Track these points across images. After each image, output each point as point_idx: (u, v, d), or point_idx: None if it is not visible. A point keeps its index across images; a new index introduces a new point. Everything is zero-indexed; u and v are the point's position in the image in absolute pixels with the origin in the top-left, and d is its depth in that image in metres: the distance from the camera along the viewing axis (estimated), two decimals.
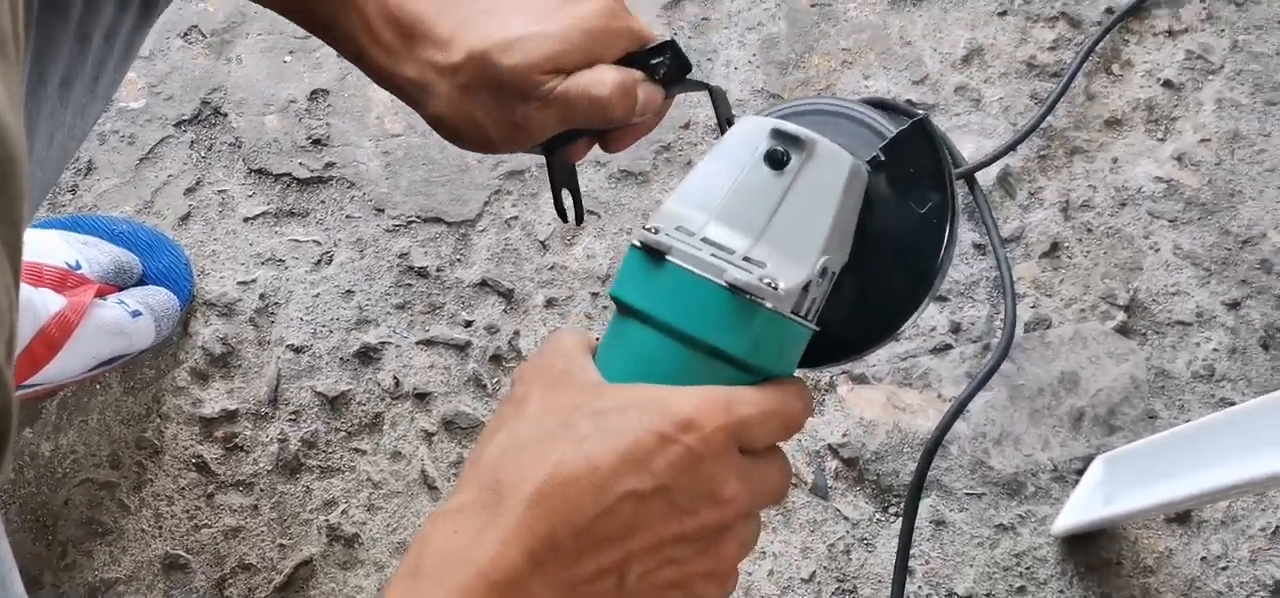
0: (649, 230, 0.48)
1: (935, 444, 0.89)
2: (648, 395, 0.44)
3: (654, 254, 0.47)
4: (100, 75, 0.57)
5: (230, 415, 0.94)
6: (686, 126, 1.03)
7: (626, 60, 0.57)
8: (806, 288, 0.47)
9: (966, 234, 0.99)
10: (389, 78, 0.56)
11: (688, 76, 0.58)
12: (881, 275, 0.51)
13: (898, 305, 0.52)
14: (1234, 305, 0.96)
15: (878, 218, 0.51)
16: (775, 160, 0.48)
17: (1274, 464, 0.65)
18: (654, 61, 0.57)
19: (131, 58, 0.59)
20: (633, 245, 0.48)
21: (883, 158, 0.51)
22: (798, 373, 0.49)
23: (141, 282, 0.95)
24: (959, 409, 0.90)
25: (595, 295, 0.97)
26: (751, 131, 0.50)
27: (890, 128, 0.52)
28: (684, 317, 0.46)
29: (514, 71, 0.53)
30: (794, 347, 0.49)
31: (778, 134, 0.49)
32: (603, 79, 0.55)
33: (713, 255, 0.47)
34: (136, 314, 0.90)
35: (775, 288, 0.46)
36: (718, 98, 0.60)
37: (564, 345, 0.48)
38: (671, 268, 0.47)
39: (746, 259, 0.47)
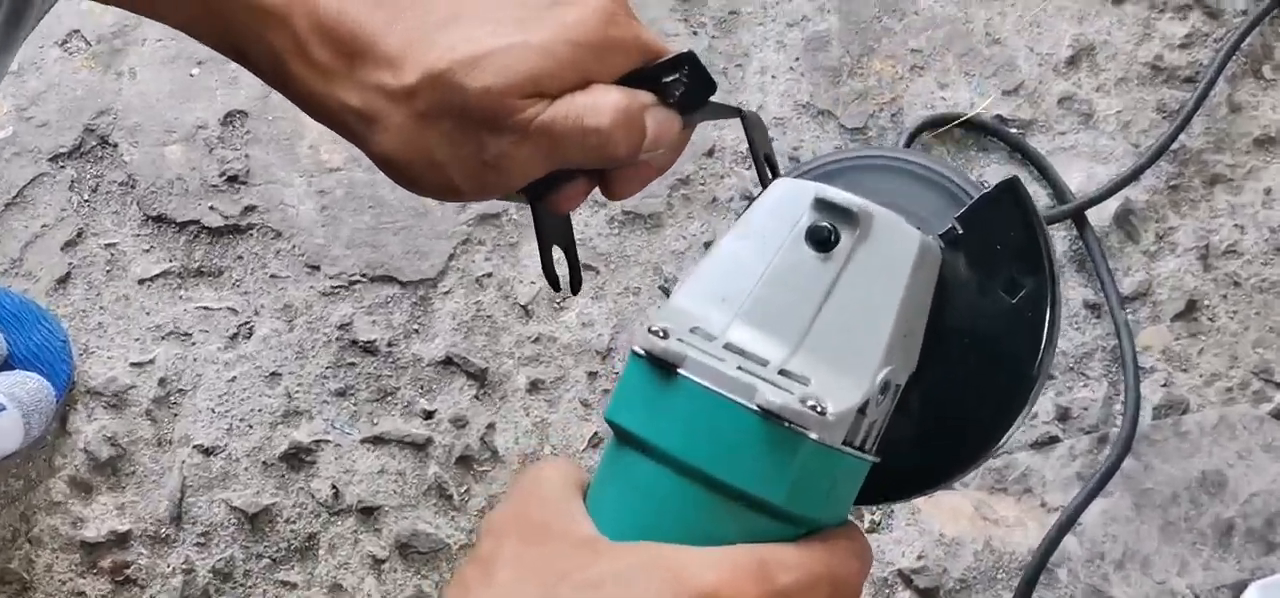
0: (655, 333, 0.47)
1: (1037, 570, 0.91)
2: (657, 559, 0.44)
3: (662, 366, 0.47)
4: None
5: (120, 539, 0.94)
6: (710, 154, 1.03)
7: (632, 79, 0.56)
8: (863, 410, 0.47)
9: (1077, 291, 0.99)
10: (324, 106, 0.55)
11: (711, 99, 0.57)
12: (961, 384, 0.51)
13: (985, 424, 0.52)
14: None
15: (955, 309, 0.51)
16: (820, 240, 0.48)
17: None
18: (667, 80, 0.57)
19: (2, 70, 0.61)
20: (634, 352, 0.48)
21: (960, 231, 0.51)
22: (852, 512, 0.50)
23: (6, 366, 0.95)
24: (1069, 523, 0.92)
25: (593, 376, 0.97)
26: (789, 199, 0.50)
27: (969, 190, 0.53)
28: (702, 451, 0.46)
29: (484, 95, 0.52)
30: (847, 485, 0.48)
31: (823, 205, 0.49)
32: (600, 104, 0.54)
33: (740, 368, 0.46)
34: (0, 408, 0.90)
35: (822, 413, 0.45)
36: (752, 127, 0.59)
37: (546, 485, 0.48)
38: (686, 385, 0.46)
39: (783, 373, 0.47)
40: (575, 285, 0.64)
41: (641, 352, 0.47)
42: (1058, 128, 1.04)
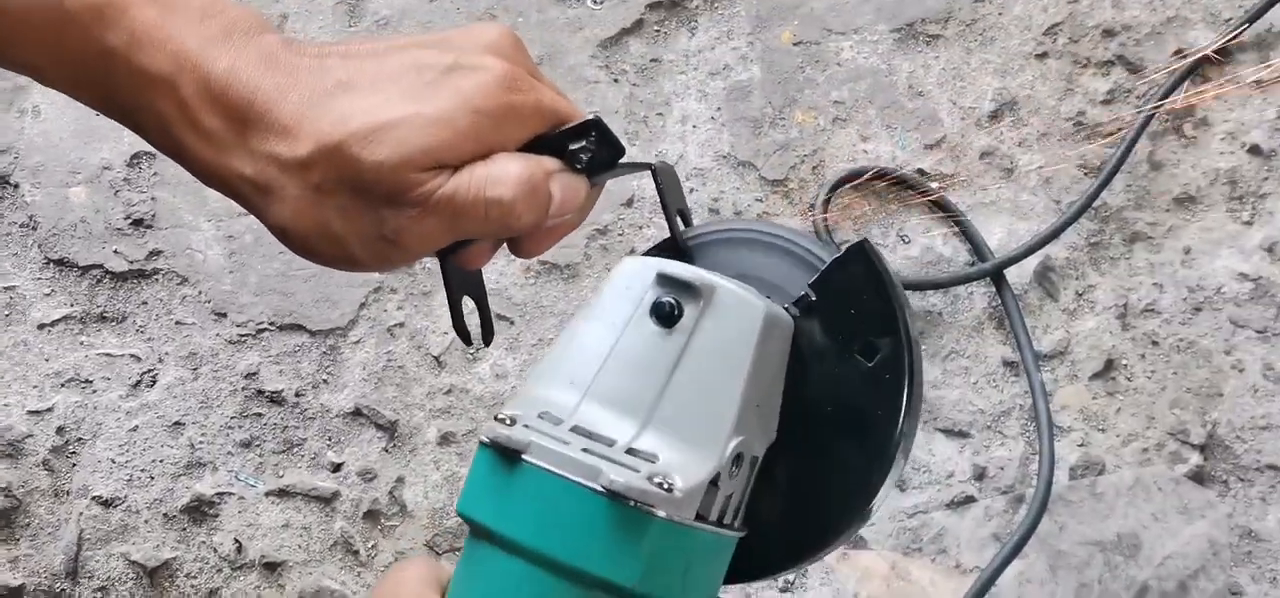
0: (502, 421, 0.48)
1: None
2: None
3: (507, 454, 0.47)
4: None
5: (13, 593, 0.94)
6: (629, 204, 1.02)
7: (537, 144, 0.55)
8: (716, 483, 0.47)
9: (995, 348, 0.99)
10: (217, 175, 0.54)
11: (620, 161, 0.57)
12: (826, 453, 0.52)
13: (851, 491, 0.52)
14: None
15: (814, 377, 0.52)
16: (663, 315, 0.49)
17: None
18: (573, 147, 0.56)
19: None
20: (481, 443, 0.48)
21: (814, 297, 0.52)
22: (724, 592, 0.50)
23: None
24: (985, 588, 0.91)
25: None
26: (634, 277, 0.50)
27: (822, 256, 0.53)
28: (552, 539, 0.46)
29: (379, 169, 0.52)
30: (707, 563, 0.49)
31: (665, 280, 0.49)
32: (502, 175, 0.53)
33: (585, 450, 0.46)
34: None
35: (670, 489, 0.45)
36: (663, 179, 0.59)
37: (405, 586, 0.49)
38: (531, 471, 0.46)
39: (631, 452, 0.47)
40: (487, 337, 0.63)
41: (487, 440, 0.47)
42: (979, 182, 1.03)
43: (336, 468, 0.96)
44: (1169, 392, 0.97)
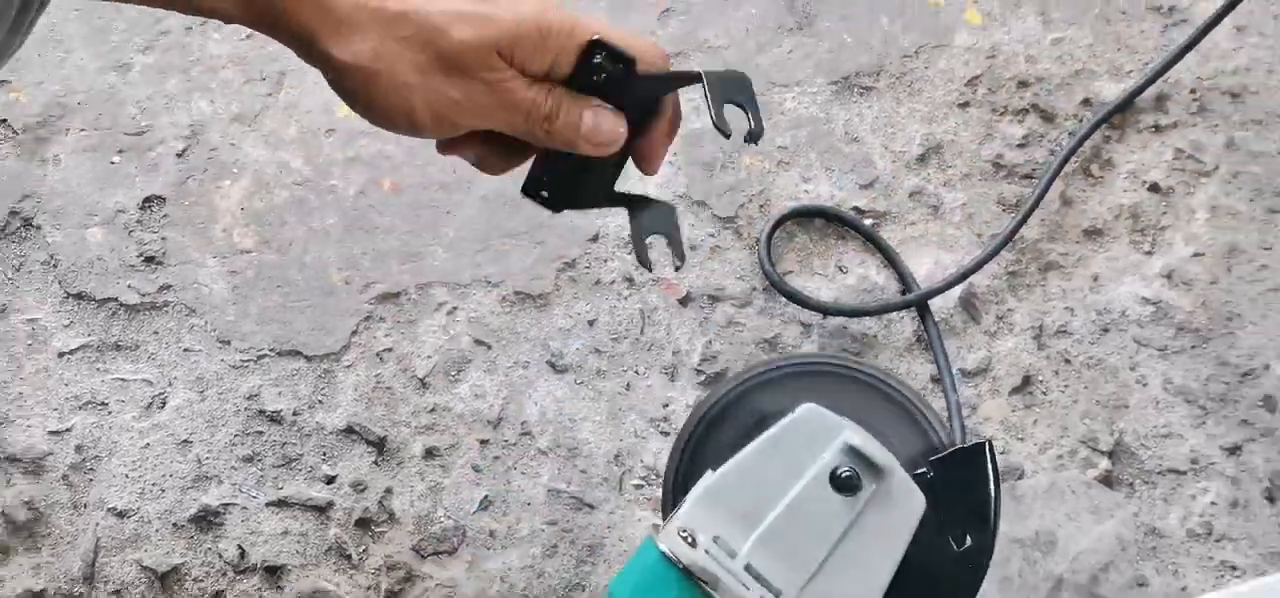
0: (684, 537, 0.49)
1: None
2: None
3: (692, 578, 0.48)
4: None
5: None
6: (594, 240, 1.04)
7: (573, 81, 0.61)
8: None
9: (924, 366, 1.00)
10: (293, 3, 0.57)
11: (656, 75, 0.60)
12: None
13: None
14: (1234, 450, 0.97)
15: (910, 546, 0.54)
16: (845, 486, 0.50)
17: None
18: (595, 74, 0.61)
19: None
20: (660, 549, 0.49)
21: (931, 475, 0.54)
22: None
23: None
24: None
25: (484, 443, 0.97)
26: (819, 431, 0.51)
27: (939, 430, 0.55)
28: None
29: (463, 45, 0.57)
30: None
31: (852, 451, 0.51)
32: (600, 125, 0.61)
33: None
34: None
35: None
36: (713, 86, 0.61)
37: None
38: None
39: None
40: (678, 263, 0.67)
41: (668, 552, 0.49)
42: (908, 218, 1.05)
43: (330, 480, 0.96)
44: (1080, 404, 0.98)
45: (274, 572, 0.93)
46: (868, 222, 1.05)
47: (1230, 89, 1.10)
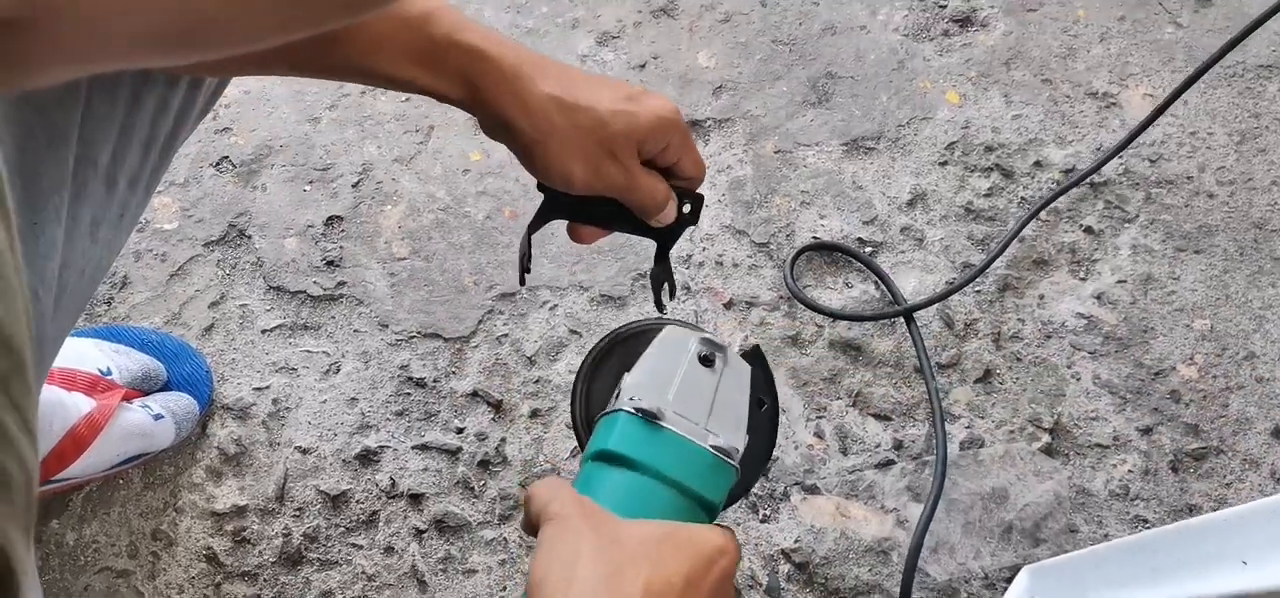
0: (639, 402, 0.56)
1: (912, 567, 0.90)
2: (671, 528, 0.50)
3: (651, 420, 0.56)
4: (125, 213, 0.60)
5: (240, 511, 0.95)
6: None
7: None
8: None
9: (909, 360, 1.02)
10: (516, 99, 0.58)
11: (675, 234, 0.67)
12: (749, 448, 0.61)
13: (756, 467, 0.62)
14: (1147, 431, 0.98)
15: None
16: (708, 362, 0.59)
17: (1179, 591, 0.66)
18: (684, 208, 0.65)
19: (152, 192, 0.63)
20: (628, 412, 0.56)
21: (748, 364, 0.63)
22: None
23: (166, 387, 0.96)
24: (924, 529, 0.92)
25: None
26: (681, 338, 0.61)
27: (721, 343, 0.63)
28: (681, 472, 0.54)
29: (615, 135, 0.59)
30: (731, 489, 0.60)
31: (706, 342, 0.60)
32: (658, 189, 0.62)
33: (691, 426, 0.56)
34: (159, 417, 0.92)
35: (735, 452, 0.57)
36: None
37: (548, 486, 0.52)
38: (668, 434, 0.55)
39: (708, 430, 0.56)
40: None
41: (634, 411, 0.56)
42: (899, 248, 1.07)
43: (460, 431, 0.97)
44: (1028, 392, 0.99)
45: (416, 499, 0.95)
46: (867, 250, 1.07)
47: (1149, 156, 1.11)
